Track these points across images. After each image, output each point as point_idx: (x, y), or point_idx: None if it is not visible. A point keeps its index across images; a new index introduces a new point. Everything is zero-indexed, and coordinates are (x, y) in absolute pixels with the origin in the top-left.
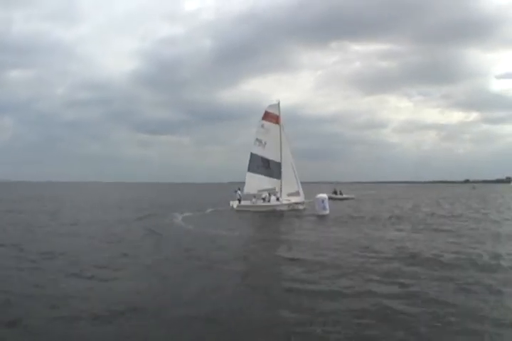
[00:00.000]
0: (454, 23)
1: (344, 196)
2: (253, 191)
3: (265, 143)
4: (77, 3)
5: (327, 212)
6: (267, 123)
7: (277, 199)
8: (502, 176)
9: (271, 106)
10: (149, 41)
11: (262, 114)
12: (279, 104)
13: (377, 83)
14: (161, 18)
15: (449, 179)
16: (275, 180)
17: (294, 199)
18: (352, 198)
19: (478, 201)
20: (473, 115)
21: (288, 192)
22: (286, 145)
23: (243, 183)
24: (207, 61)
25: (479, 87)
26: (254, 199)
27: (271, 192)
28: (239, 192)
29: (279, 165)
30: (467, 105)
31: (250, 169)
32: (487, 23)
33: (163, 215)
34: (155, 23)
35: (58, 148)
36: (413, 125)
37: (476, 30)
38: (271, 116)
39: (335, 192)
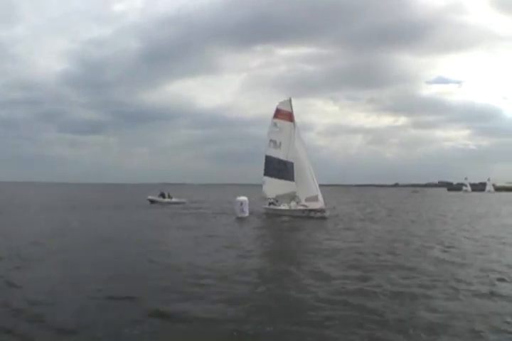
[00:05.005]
0: (385, 28)
1: (173, 200)
2: (271, 196)
3: (280, 144)
4: (16, 5)
5: (246, 214)
6: (279, 122)
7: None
8: (433, 180)
9: (282, 102)
10: (78, 42)
11: (273, 113)
12: (290, 100)
13: (303, 87)
14: (90, 20)
15: (377, 182)
16: (293, 183)
17: (311, 205)
18: (183, 203)
19: None
20: (402, 119)
21: (305, 197)
22: (300, 144)
23: (174, 185)
24: (133, 62)
25: (409, 92)
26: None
27: (291, 197)
28: None
29: (293, 165)
30: (396, 110)
31: (267, 173)
32: (419, 28)
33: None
34: (85, 25)
35: None
36: (339, 129)
37: (408, 34)
38: (283, 114)
39: (162, 195)
